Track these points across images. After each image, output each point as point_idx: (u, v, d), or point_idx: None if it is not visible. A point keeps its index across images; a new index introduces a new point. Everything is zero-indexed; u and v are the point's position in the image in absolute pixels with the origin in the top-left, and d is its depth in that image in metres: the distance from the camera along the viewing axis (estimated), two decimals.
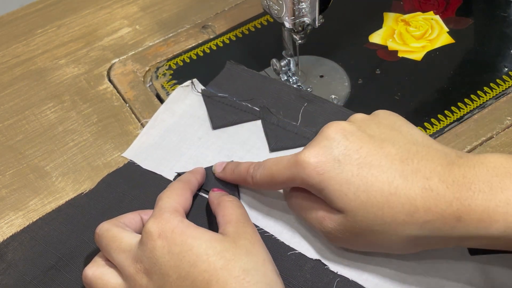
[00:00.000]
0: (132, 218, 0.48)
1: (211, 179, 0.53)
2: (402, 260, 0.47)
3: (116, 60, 0.68)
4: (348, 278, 0.47)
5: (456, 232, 0.40)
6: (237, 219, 0.45)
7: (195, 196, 0.52)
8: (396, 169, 0.42)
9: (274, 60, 0.62)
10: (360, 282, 0.46)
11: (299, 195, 0.47)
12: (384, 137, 0.44)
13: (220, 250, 0.42)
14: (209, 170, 0.54)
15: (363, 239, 0.44)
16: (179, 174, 0.54)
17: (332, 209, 0.44)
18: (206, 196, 0.52)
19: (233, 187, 0.52)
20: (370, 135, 0.45)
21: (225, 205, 0.47)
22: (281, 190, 0.51)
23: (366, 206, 0.42)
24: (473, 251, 0.47)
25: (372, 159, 0.43)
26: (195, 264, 0.41)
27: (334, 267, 0.47)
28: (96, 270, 0.45)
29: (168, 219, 0.43)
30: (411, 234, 0.42)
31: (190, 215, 0.50)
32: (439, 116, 0.59)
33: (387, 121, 0.46)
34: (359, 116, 0.47)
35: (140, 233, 0.45)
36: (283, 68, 0.62)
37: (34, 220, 0.53)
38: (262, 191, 0.52)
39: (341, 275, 0.47)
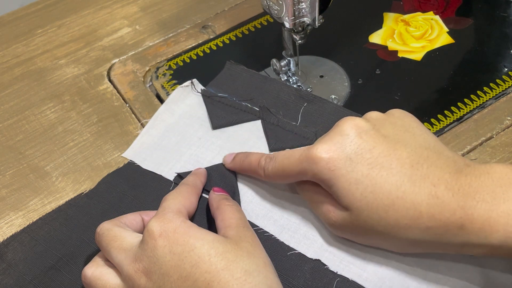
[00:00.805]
0: (133, 218, 0.48)
1: (211, 179, 0.53)
2: (402, 260, 0.47)
3: (116, 60, 0.68)
4: (347, 278, 0.47)
5: (458, 239, 0.41)
6: (237, 223, 0.45)
7: None
8: (405, 173, 0.43)
9: (274, 60, 0.62)
10: (359, 282, 0.46)
11: (310, 188, 0.48)
12: (398, 139, 0.45)
13: (222, 251, 0.42)
14: (209, 170, 0.54)
15: (364, 237, 0.46)
16: (179, 175, 0.54)
17: (339, 205, 0.45)
18: (207, 196, 0.52)
19: (232, 185, 0.52)
20: (384, 135, 0.45)
21: (224, 209, 0.47)
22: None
23: (371, 207, 0.43)
24: None
25: (383, 161, 0.43)
26: (196, 265, 0.41)
27: (333, 267, 0.47)
28: (95, 270, 0.45)
29: (170, 219, 0.43)
30: (413, 238, 0.43)
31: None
32: (439, 116, 0.59)
33: (402, 121, 0.47)
34: (374, 115, 0.47)
35: (141, 233, 0.45)
36: (283, 68, 0.62)
37: (34, 220, 0.53)
38: (263, 187, 0.52)
39: (340, 275, 0.47)
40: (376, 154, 0.44)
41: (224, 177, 0.53)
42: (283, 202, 0.52)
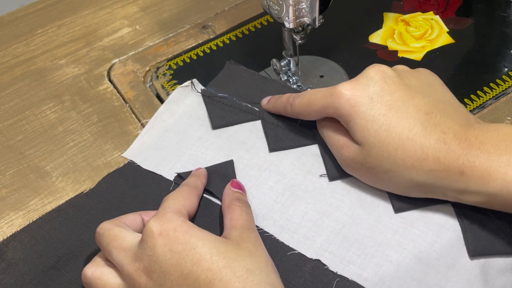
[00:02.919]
0: (133, 218, 0.48)
1: (210, 179, 0.53)
2: (402, 260, 0.47)
3: (116, 60, 0.68)
4: (347, 278, 0.47)
5: (458, 185, 0.44)
6: (243, 225, 0.46)
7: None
8: (419, 119, 0.46)
9: (274, 60, 0.62)
10: (359, 282, 0.46)
11: (329, 125, 0.51)
12: (418, 90, 0.48)
13: (223, 251, 0.42)
14: (209, 170, 0.54)
15: (371, 174, 0.48)
16: (179, 175, 0.54)
17: (353, 140, 0.48)
18: (207, 196, 0.52)
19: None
20: (407, 84, 0.48)
21: (234, 209, 0.48)
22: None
23: (383, 144, 0.46)
24: (473, 253, 0.47)
25: (400, 105, 0.46)
26: (198, 263, 0.41)
27: (333, 267, 0.47)
28: (95, 270, 0.45)
29: (170, 218, 0.43)
30: (416, 179, 0.46)
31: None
32: None
33: (427, 78, 0.50)
34: (401, 67, 0.51)
35: (141, 233, 0.45)
36: (283, 68, 0.62)
37: (34, 220, 0.53)
38: (263, 186, 0.52)
39: (340, 275, 0.47)
40: (396, 98, 0.47)
41: (224, 177, 0.53)
42: (283, 202, 0.52)
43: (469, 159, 0.43)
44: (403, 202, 0.50)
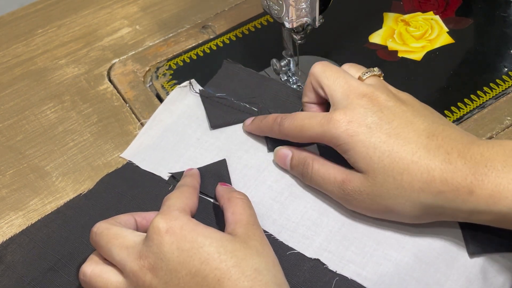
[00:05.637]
0: (126, 219, 0.48)
1: (204, 179, 0.53)
2: (401, 259, 0.47)
3: (116, 60, 0.68)
4: (347, 277, 0.47)
5: (467, 205, 0.43)
6: (247, 220, 0.46)
7: None
8: (421, 142, 0.45)
9: (274, 60, 0.62)
10: (359, 281, 0.46)
11: (316, 166, 0.50)
12: (415, 115, 0.48)
13: (231, 250, 0.42)
14: (202, 170, 0.54)
15: (379, 203, 0.47)
16: (173, 176, 0.54)
17: (353, 171, 0.47)
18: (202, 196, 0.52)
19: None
20: (404, 110, 0.48)
21: (235, 202, 0.47)
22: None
23: (387, 170, 0.45)
24: (472, 251, 0.47)
25: (400, 131, 0.46)
26: (206, 262, 0.41)
27: (333, 266, 0.47)
28: (95, 267, 0.44)
29: (176, 216, 0.43)
30: (425, 202, 0.45)
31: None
32: None
33: (418, 102, 0.50)
34: (394, 91, 0.51)
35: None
36: (283, 68, 0.62)
37: (34, 220, 0.53)
38: (261, 186, 0.52)
39: (340, 274, 0.47)
40: (394, 126, 0.46)
41: (217, 177, 0.53)
42: (282, 201, 0.52)
43: (477, 178, 0.42)
44: None
